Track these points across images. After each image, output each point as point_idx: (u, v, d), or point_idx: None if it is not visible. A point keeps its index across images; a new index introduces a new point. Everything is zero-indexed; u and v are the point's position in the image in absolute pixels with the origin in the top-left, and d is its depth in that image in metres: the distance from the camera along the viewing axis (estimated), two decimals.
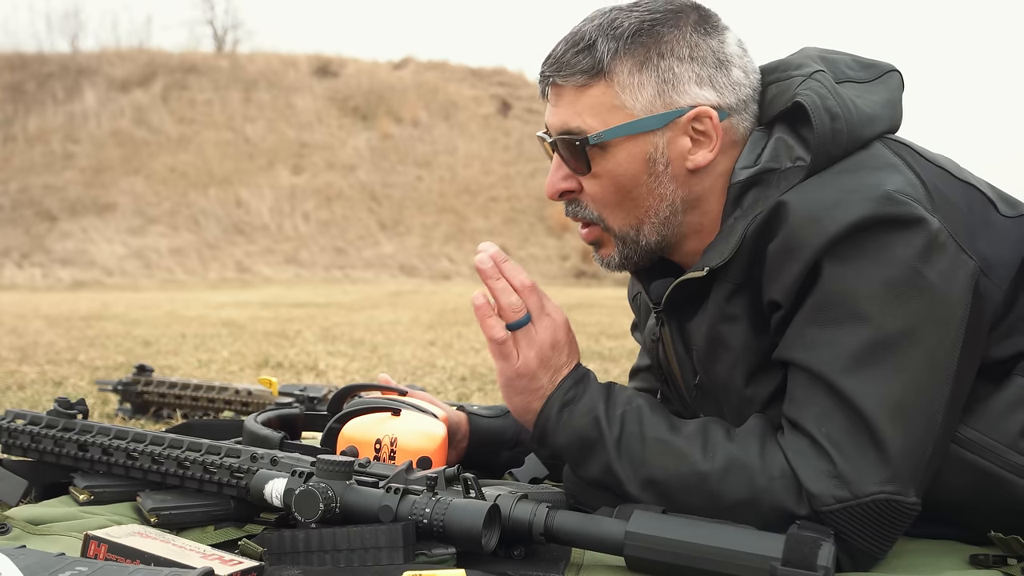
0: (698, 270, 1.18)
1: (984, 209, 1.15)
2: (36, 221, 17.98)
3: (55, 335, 5.63)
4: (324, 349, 4.84)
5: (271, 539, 1.05)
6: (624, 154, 1.18)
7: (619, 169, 1.19)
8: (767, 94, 1.23)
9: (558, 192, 1.25)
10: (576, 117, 1.19)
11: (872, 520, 1.03)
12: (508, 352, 1.19)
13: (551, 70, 1.20)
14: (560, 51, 1.20)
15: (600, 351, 4.82)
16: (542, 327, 1.19)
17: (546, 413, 1.18)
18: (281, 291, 13.30)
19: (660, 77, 1.17)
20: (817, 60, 1.21)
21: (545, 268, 18.53)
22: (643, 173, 1.19)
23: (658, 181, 1.19)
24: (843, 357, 1.05)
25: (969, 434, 1.11)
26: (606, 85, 1.17)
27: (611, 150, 1.18)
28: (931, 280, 1.04)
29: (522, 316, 1.18)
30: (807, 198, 1.08)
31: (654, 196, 1.20)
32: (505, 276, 1.19)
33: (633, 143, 1.18)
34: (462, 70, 25.45)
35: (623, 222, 1.22)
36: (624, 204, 1.21)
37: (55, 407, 1.38)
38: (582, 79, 1.18)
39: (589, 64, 1.17)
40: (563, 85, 1.20)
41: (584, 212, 1.24)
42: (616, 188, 1.20)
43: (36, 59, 22.94)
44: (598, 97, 1.18)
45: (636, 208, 1.21)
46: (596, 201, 1.22)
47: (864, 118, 1.14)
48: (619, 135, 1.17)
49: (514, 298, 1.18)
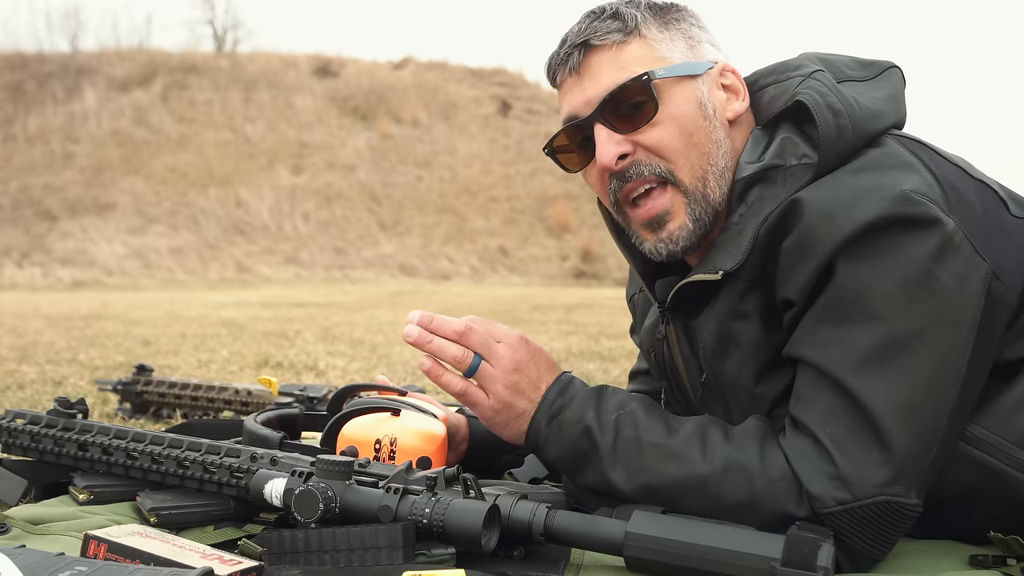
0: (710, 271, 1.17)
1: (997, 210, 1.14)
2: (36, 221, 17.99)
3: (55, 335, 5.63)
4: (324, 349, 4.84)
5: (271, 539, 1.04)
6: (680, 96, 1.18)
7: (679, 111, 1.18)
8: (764, 95, 1.23)
9: (617, 156, 1.18)
10: (624, 71, 1.18)
11: (873, 522, 1.03)
12: (475, 398, 1.20)
13: (581, 38, 1.20)
14: (585, 25, 1.21)
15: (600, 351, 4.82)
16: (497, 359, 1.19)
17: (535, 428, 1.18)
18: (281, 291, 13.30)
19: (684, 34, 1.22)
20: (816, 61, 1.21)
21: (545, 268, 18.53)
22: (699, 116, 1.19)
23: (712, 125, 1.19)
24: (853, 356, 1.05)
25: (977, 431, 1.11)
26: (642, 41, 1.19)
27: (667, 93, 1.18)
28: (944, 282, 1.04)
29: (471, 361, 1.19)
30: (823, 196, 1.08)
31: (711, 142, 1.19)
32: (438, 334, 1.19)
33: (684, 86, 1.19)
34: (462, 70, 25.46)
35: (691, 171, 1.19)
36: (688, 149, 1.18)
37: (55, 407, 1.38)
38: (619, 36, 1.19)
39: (621, 25, 1.19)
40: (600, 45, 1.19)
41: (650, 167, 1.18)
42: (680, 131, 1.18)
43: (36, 59, 22.95)
44: (638, 51, 1.19)
45: (699, 154, 1.19)
46: (661, 150, 1.18)
47: (867, 113, 1.14)
48: (675, 74, 1.18)
49: (455, 350, 1.18)
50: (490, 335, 1.19)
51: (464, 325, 1.18)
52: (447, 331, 1.18)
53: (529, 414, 1.18)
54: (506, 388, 1.18)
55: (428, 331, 1.19)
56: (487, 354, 1.18)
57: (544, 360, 1.21)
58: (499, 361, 1.18)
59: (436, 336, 1.19)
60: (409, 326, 1.19)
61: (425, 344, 1.18)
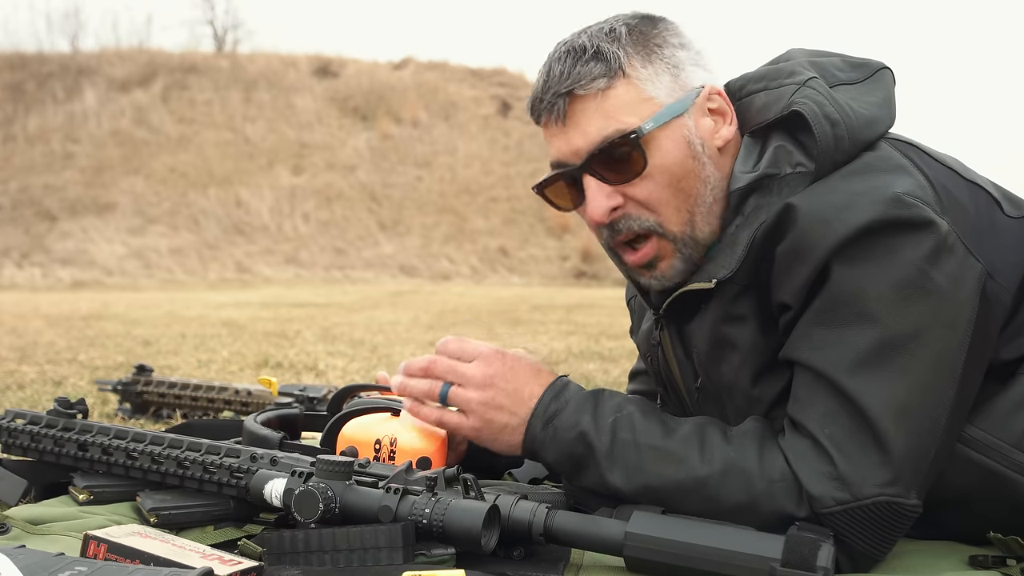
0: (704, 280, 1.17)
1: (990, 210, 1.14)
2: (36, 221, 17.99)
3: (55, 335, 5.63)
4: (324, 349, 4.84)
5: (271, 539, 1.04)
6: (669, 143, 1.16)
7: (668, 159, 1.16)
8: (755, 102, 1.22)
9: (609, 210, 1.18)
10: (611, 121, 1.15)
11: (872, 522, 1.03)
12: (453, 423, 1.22)
13: (564, 86, 1.16)
14: (566, 68, 1.16)
15: (600, 351, 4.82)
16: (467, 380, 1.21)
17: (530, 434, 1.18)
18: (281, 291, 13.30)
19: (668, 63, 1.18)
20: (807, 66, 1.20)
21: (545, 269, 18.53)
22: (689, 158, 1.17)
23: (701, 164, 1.18)
24: (849, 358, 1.05)
25: (974, 433, 1.11)
26: (627, 82, 1.16)
27: (655, 142, 1.16)
28: (939, 283, 1.04)
29: (440, 389, 1.23)
30: (816, 200, 1.08)
31: (700, 182, 1.18)
32: (407, 374, 1.26)
33: (672, 130, 1.17)
34: (462, 70, 25.46)
35: (678, 219, 1.18)
36: (677, 198, 1.18)
37: (55, 407, 1.38)
38: (603, 82, 1.15)
39: (604, 67, 1.15)
40: (584, 95, 1.16)
41: (640, 222, 1.18)
42: (669, 180, 1.17)
43: (36, 59, 22.94)
44: (624, 95, 1.16)
45: (687, 199, 1.18)
46: (650, 204, 1.18)
47: (863, 121, 1.14)
48: (663, 120, 1.16)
49: (422, 384, 1.24)
50: (461, 355, 1.23)
51: (427, 360, 1.25)
52: (414, 369, 1.26)
53: (512, 426, 1.19)
54: (481, 405, 1.19)
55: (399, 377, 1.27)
56: (455, 378, 1.22)
57: (524, 370, 1.21)
58: (469, 381, 1.21)
59: (408, 379, 1.26)
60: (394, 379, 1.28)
61: (402, 390, 1.26)
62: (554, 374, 1.23)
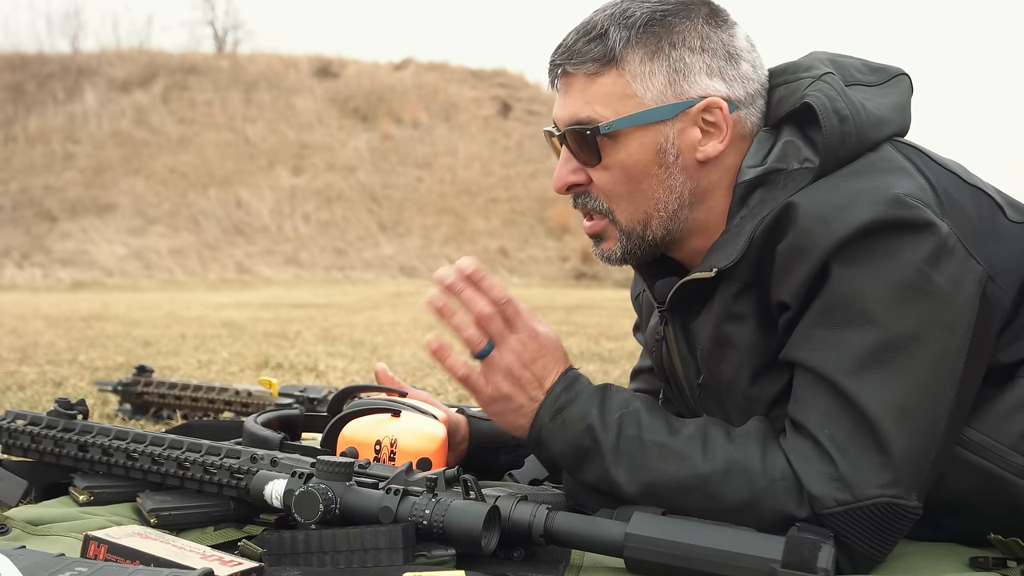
0: (705, 270, 1.17)
1: (992, 214, 1.14)
2: (36, 221, 17.99)
3: (55, 335, 5.63)
4: (324, 350, 4.84)
5: (271, 540, 1.05)
6: (635, 144, 1.18)
7: (630, 160, 1.18)
8: (775, 95, 1.22)
9: (566, 185, 1.24)
10: (586, 107, 1.18)
11: (873, 523, 1.03)
12: (476, 385, 1.20)
13: (562, 58, 1.20)
14: (571, 40, 1.20)
15: (600, 352, 4.82)
16: (508, 350, 1.18)
17: (538, 422, 1.18)
18: (281, 292, 13.30)
19: (671, 66, 1.17)
20: (826, 63, 1.20)
21: (545, 269, 18.53)
22: (653, 164, 1.18)
23: (668, 172, 1.19)
24: (849, 359, 1.05)
25: (972, 435, 1.11)
26: (617, 74, 1.17)
27: (622, 140, 1.18)
28: (939, 284, 1.04)
29: (483, 347, 1.19)
30: (816, 200, 1.08)
31: (664, 188, 1.19)
32: (472, 300, 1.18)
33: (644, 133, 1.18)
34: (462, 71, 25.46)
35: (631, 215, 1.21)
36: (634, 196, 1.20)
37: (55, 408, 1.38)
38: (593, 67, 1.17)
39: (600, 52, 1.17)
40: (573, 73, 1.19)
41: (593, 203, 1.23)
42: (626, 179, 1.19)
43: (36, 59, 22.95)
44: (609, 86, 1.17)
45: (645, 201, 1.20)
46: (605, 193, 1.21)
47: (873, 120, 1.14)
48: (630, 124, 1.17)
49: (472, 331, 1.19)
50: (512, 320, 1.19)
51: (490, 309, 1.17)
52: (474, 307, 1.17)
53: (525, 408, 1.19)
54: (506, 380, 1.18)
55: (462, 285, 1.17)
56: (500, 343, 1.19)
57: (554, 355, 1.20)
58: (508, 354, 1.18)
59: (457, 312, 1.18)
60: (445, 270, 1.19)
61: (449, 314, 1.18)
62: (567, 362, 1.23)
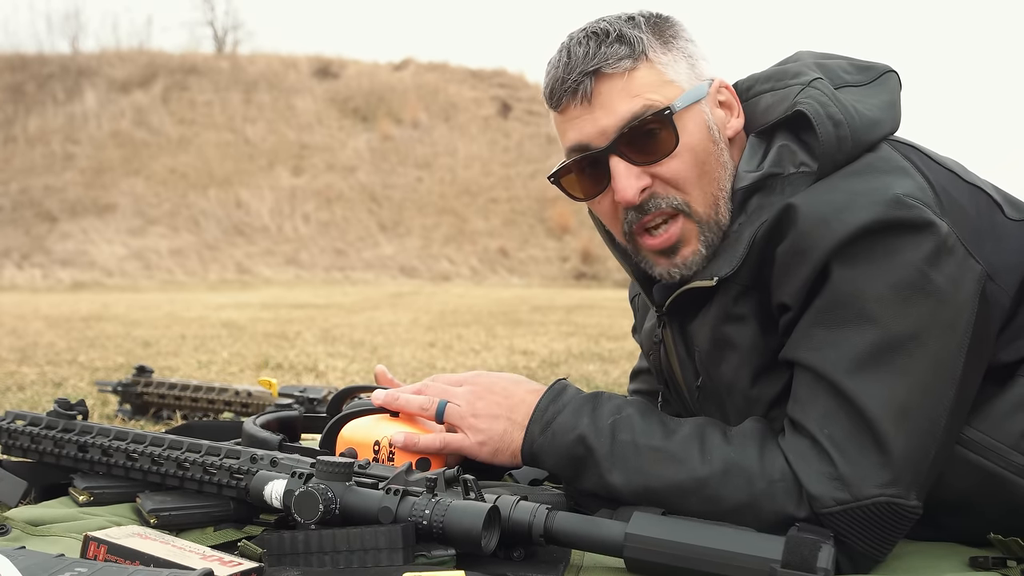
0: (707, 279, 1.17)
1: (991, 213, 1.15)
2: (36, 222, 17.99)
3: (55, 336, 5.63)
4: (324, 350, 4.84)
5: (271, 540, 1.05)
6: (693, 124, 1.18)
7: (693, 139, 1.17)
8: (761, 102, 1.23)
9: (638, 191, 1.16)
10: (638, 99, 1.15)
11: (872, 523, 1.03)
12: (457, 443, 1.23)
13: (591, 65, 1.16)
14: (590, 49, 1.17)
15: (600, 353, 4.82)
16: (459, 396, 1.24)
17: (529, 438, 1.18)
18: (281, 292, 13.30)
19: (684, 53, 1.20)
20: (813, 67, 1.21)
21: (545, 269, 18.54)
22: (709, 141, 1.19)
23: (720, 149, 1.20)
24: (848, 358, 1.05)
25: (972, 435, 1.11)
26: (649, 65, 1.17)
27: (683, 122, 1.17)
28: (938, 284, 1.04)
29: (436, 406, 1.25)
30: (816, 201, 1.08)
31: (720, 165, 1.19)
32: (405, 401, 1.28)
33: (695, 113, 1.18)
34: (462, 71, 25.47)
35: (704, 200, 1.18)
36: (702, 179, 1.18)
37: (55, 408, 1.38)
38: (629, 62, 1.16)
39: (628, 49, 1.16)
40: (611, 73, 1.16)
41: (668, 200, 1.18)
42: (695, 160, 1.17)
43: (36, 60, 22.96)
44: (649, 76, 1.17)
45: (711, 181, 1.18)
46: (678, 183, 1.17)
47: (867, 122, 1.14)
48: (689, 102, 1.17)
49: (419, 399, 1.27)
50: (448, 382, 1.28)
51: (418, 385, 1.30)
52: (408, 391, 1.30)
53: (512, 432, 1.20)
54: (476, 418, 1.21)
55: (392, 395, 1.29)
56: (448, 397, 1.25)
57: (507, 378, 1.26)
58: (460, 397, 1.24)
59: (400, 392, 1.29)
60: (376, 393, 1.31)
61: (392, 402, 1.28)
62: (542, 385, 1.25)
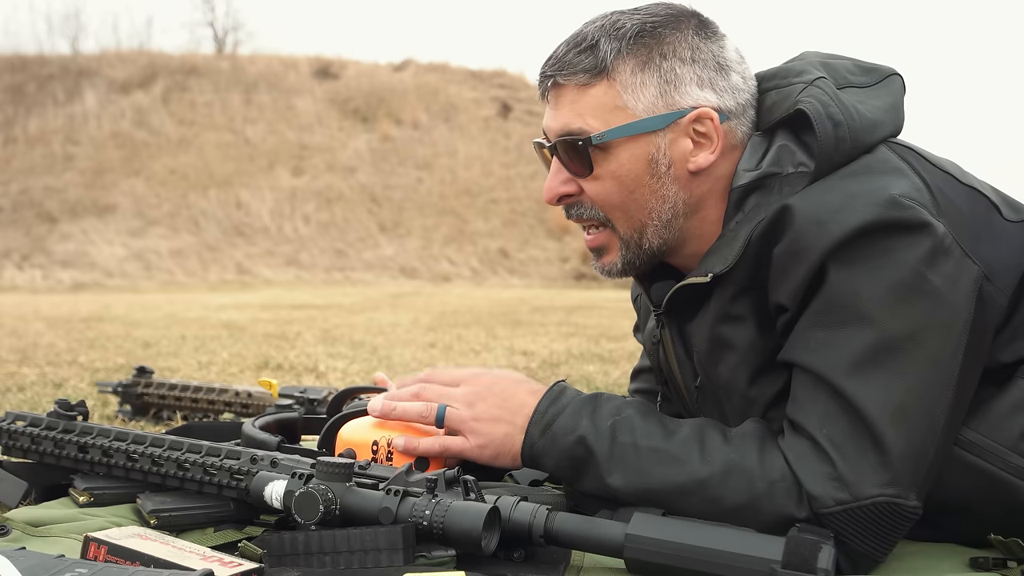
0: (701, 275, 1.18)
1: (988, 214, 1.15)
2: (36, 223, 17.99)
3: (55, 337, 5.63)
4: (324, 351, 4.84)
5: (271, 541, 1.05)
6: (626, 155, 1.18)
7: (621, 170, 1.19)
8: (766, 100, 1.23)
9: (557, 196, 1.25)
10: (577, 118, 1.19)
11: (872, 523, 1.03)
12: (457, 447, 1.22)
13: (552, 69, 1.20)
14: (562, 51, 1.20)
15: (600, 353, 4.82)
16: (457, 399, 1.23)
17: (529, 440, 1.18)
18: (281, 293, 13.30)
19: (662, 77, 1.17)
20: (818, 66, 1.21)
21: (545, 270, 18.53)
22: (645, 174, 1.19)
23: (660, 182, 1.19)
24: (846, 359, 1.05)
25: (971, 436, 1.11)
26: (608, 85, 1.17)
27: (613, 151, 1.18)
28: (935, 284, 1.04)
29: (435, 412, 1.23)
30: (812, 202, 1.08)
31: (656, 197, 1.20)
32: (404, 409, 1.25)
33: (635, 143, 1.18)
34: (462, 72, 25.46)
35: (628, 224, 1.22)
36: (627, 205, 1.21)
37: (55, 409, 1.38)
38: (584, 78, 1.18)
39: (591, 63, 1.17)
40: (564, 84, 1.20)
41: (588, 212, 1.24)
42: (619, 188, 1.20)
43: (36, 61, 22.96)
44: (600, 97, 1.18)
45: (639, 210, 1.21)
46: (599, 202, 1.22)
47: (867, 124, 1.14)
48: (621, 135, 1.17)
49: (417, 407, 1.24)
50: (446, 382, 1.26)
51: (416, 388, 1.27)
52: (405, 395, 1.27)
53: (513, 435, 1.19)
54: (477, 422, 1.20)
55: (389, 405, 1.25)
56: (447, 400, 1.23)
57: (507, 379, 1.24)
58: (459, 400, 1.22)
59: (397, 401, 1.25)
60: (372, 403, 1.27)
61: (390, 413, 1.24)
62: (542, 384, 1.24)
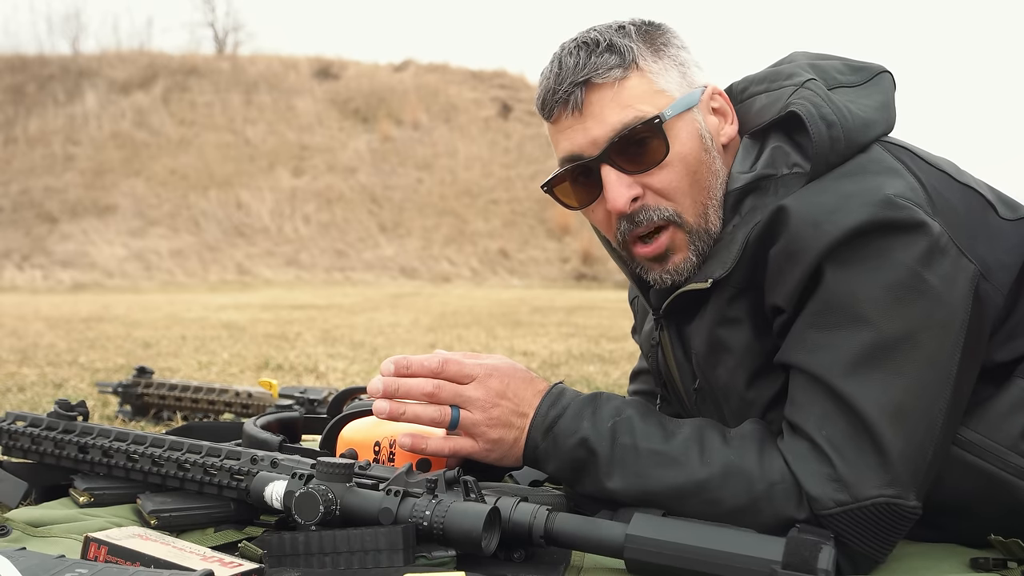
0: (701, 281, 1.18)
1: (984, 212, 1.15)
2: (37, 223, 17.99)
3: (55, 337, 5.63)
4: (324, 351, 4.84)
5: (271, 541, 1.05)
6: (685, 133, 1.18)
7: (685, 149, 1.18)
8: (756, 103, 1.24)
9: (628, 199, 1.17)
10: (629, 109, 1.16)
11: (872, 524, 1.03)
12: (467, 448, 1.20)
13: (581, 75, 1.16)
14: (581, 59, 1.17)
15: (600, 353, 4.82)
16: (473, 404, 1.18)
17: (531, 444, 1.18)
18: (281, 293, 13.30)
19: (675, 61, 1.21)
20: (807, 68, 1.21)
21: (545, 271, 18.53)
22: (701, 150, 1.19)
23: (711, 157, 1.20)
24: (844, 360, 1.05)
25: (970, 436, 1.11)
26: (640, 74, 1.18)
27: (675, 130, 1.18)
28: (932, 284, 1.04)
29: (450, 416, 1.19)
30: (808, 203, 1.08)
31: (712, 174, 1.20)
32: (409, 397, 1.18)
33: (687, 121, 1.19)
34: (463, 72, 25.46)
35: (695, 210, 1.19)
36: (693, 188, 1.19)
37: (55, 409, 1.38)
38: (619, 72, 1.17)
39: (618, 59, 1.17)
40: (602, 83, 1.16)
41: (659, 212, 1.19)
42: (686, 170, 1.18)
43: (37, 61, 22.96)
44: (639, 86, 1.17)
45: (701, 191, 1.19)
46: (670, 192, 1.18)
47: (860, 123, 1.14)
48: (679, 111, 1.18)
49: (431, 411, 1.18)
50: (459, 378, 1.19)
51: (430, 386, 1.18)
52: (414, 392, 1.18)
53: (519, 440, 1.19)
54: (490, 427, 1.18)
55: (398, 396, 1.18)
56: (461, 403, 1.19)
57: (519, 379, 1.20)
58: (475, 404, 1.18)
59: (407, 405, 1.18)
60: (377, 404, 1.18)
61: (400, 416, 1.18)
62: (547, 382, 1.23)
